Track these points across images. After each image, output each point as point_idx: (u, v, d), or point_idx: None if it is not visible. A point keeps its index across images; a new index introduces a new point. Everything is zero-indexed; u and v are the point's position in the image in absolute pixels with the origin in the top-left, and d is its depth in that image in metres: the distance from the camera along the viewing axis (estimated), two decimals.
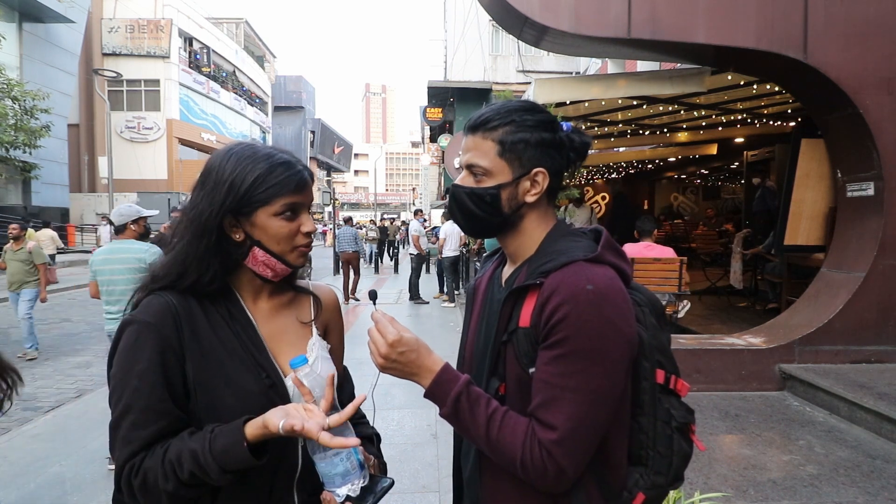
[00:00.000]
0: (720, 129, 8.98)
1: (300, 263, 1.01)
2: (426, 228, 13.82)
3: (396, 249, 18.48)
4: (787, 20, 3.99)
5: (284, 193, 0.95)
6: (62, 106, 20.35)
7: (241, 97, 34.81)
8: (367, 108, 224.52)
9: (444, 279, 10.00)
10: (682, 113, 7.60)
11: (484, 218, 0.97)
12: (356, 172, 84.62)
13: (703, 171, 13.21)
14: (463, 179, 0.98)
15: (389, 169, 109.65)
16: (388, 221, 22.73)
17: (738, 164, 10.57)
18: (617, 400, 0.86)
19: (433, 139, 22.68)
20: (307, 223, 0.99)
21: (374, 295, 1.01)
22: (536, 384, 0.86)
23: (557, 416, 0.82)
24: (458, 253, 9.56)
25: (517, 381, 0.91)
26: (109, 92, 22.43)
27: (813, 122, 4.87)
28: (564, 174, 1.02)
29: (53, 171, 20.50)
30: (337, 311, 1.17)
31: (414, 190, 61.49)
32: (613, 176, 14.45)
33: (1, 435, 3.90)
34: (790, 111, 7.42)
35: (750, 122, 8.27)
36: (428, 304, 9.70)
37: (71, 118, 22.82)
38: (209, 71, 30.39)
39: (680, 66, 5.60)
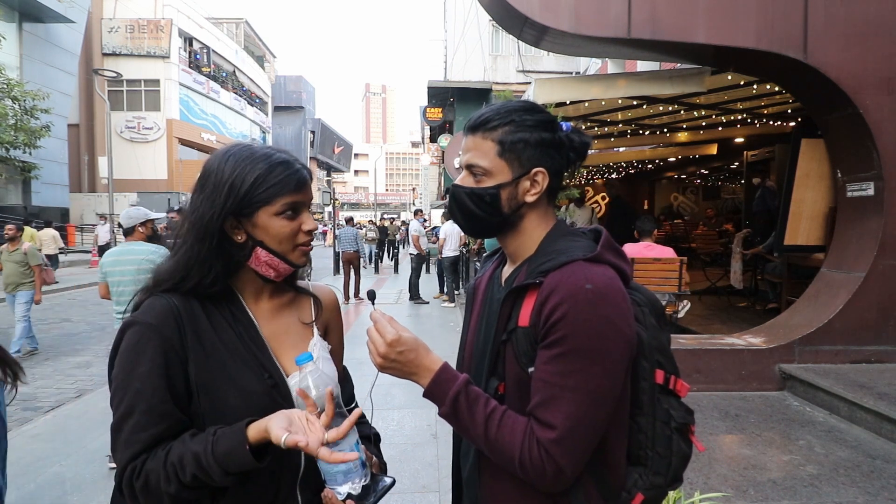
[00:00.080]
0: (720, 129, 8.97)
1: (302, 262, 1.01)
2: (426, 228, 13.82)
3: (396, 249, 18.48)
4: (787, 20, 3.99)
5: (285, 193, 0.95)
6: (62, 106, 20.33)
7: (241, 97, 34.78)
8: (367, 108, 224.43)
9: (444, 279, 10.00)
10: (682, 113, 7.60)
11: (484, 218, 0.97)
12: (356, 172, 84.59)
13: (703, 171, 13.22)
14: (463, 179, 0.99)
15: (389, 169, 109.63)
16: (387, 221, 22.74)
17: (738, 164, 10.57)
18: (616, 399, 0.86)
19: (433, 139, 22.67)
20: (308, 222, 0.99)
21: (372, 295, 1.02)
22: (535, 383, 0.86)
23: (556, 415, 0.82)
24: (458, 253, 9.55)
25: (516, 380, 0.91)
26: (109, 92, 22.42)
27: (813, 122, 4.87)
28: (564, 174, 1.02)
29: (53, 171, 20.48)
30: (337, 311, 1.17)
31: (414, 190, 61.48)
32: (613, 176, 14.45)
33: None
34: (790, 111, 7.42)
35: (750, 122, 8.27)
36: (428, 304, 9.70)
37: (71, 118, 22.78)
38: (209, 71, 30.36)
39: (680, 66, 5.60)
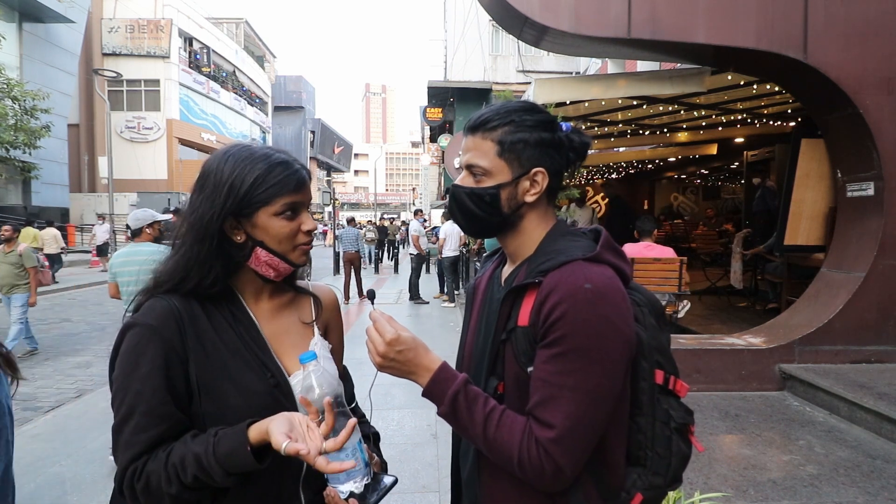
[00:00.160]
0: (720, 129, 8.97)
1: (302, 262, 1.01)
2: (426, 228, 13.82)
3: (396, 249, 18.48)
4: (787, 20, 3.99)
5: (284, 193, 0.95)
6: (62, 106, 20.34)
7: (241, 97, 34.79)
8: (367, 108, 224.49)
9: (444, 279, 10.00)
10: (682, 113, 7.60)
11: (484, 218, 0.97)
12: (356, 172, 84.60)
13: (703, 171, 13.21)
14: (463, 179, 0.99)
15: (389, 169, 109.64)
16: (387, 221, 22.73)
17: (738, 164, 10.56)
18: (615, 399, 0.86)
19: (433, 139, 22.67)
20: (307, 221, 0.99)
21: (372, 294, 1.02)
22: (534, 383, 0.86)
23: (555, 414, 0.82)
24: (458, 253, 9.55)
25: (516, 380, 0.91)
26: (109, 92, 22.43)
27: (813, 122, 4.87)
28: (564, 174, 1.02)
29: (53, 171, 20.50)
30: (337, 311, 1.18)
31: (414, 190, 61.49)
32: (613, 176, 14.45)
33: None
34: (790, 111, 7.41)
35: (750, 122, 8.27)
36: (428, 304, 9.70)
37: (71, 118, 22.81)
38: (209, 71, 30.37)
39: (680, 66, 5.60)
